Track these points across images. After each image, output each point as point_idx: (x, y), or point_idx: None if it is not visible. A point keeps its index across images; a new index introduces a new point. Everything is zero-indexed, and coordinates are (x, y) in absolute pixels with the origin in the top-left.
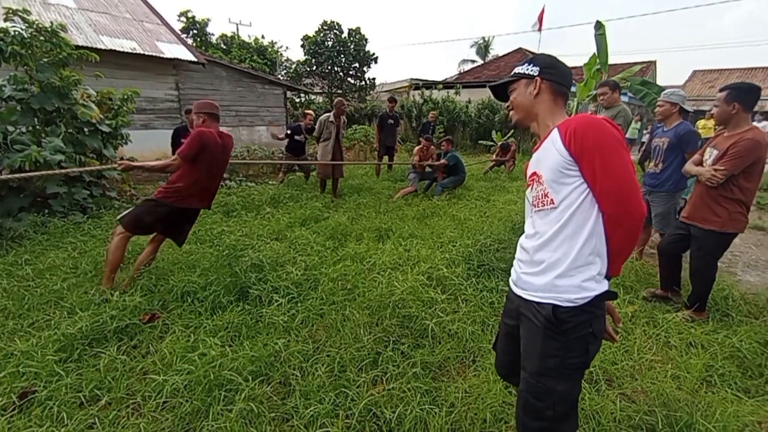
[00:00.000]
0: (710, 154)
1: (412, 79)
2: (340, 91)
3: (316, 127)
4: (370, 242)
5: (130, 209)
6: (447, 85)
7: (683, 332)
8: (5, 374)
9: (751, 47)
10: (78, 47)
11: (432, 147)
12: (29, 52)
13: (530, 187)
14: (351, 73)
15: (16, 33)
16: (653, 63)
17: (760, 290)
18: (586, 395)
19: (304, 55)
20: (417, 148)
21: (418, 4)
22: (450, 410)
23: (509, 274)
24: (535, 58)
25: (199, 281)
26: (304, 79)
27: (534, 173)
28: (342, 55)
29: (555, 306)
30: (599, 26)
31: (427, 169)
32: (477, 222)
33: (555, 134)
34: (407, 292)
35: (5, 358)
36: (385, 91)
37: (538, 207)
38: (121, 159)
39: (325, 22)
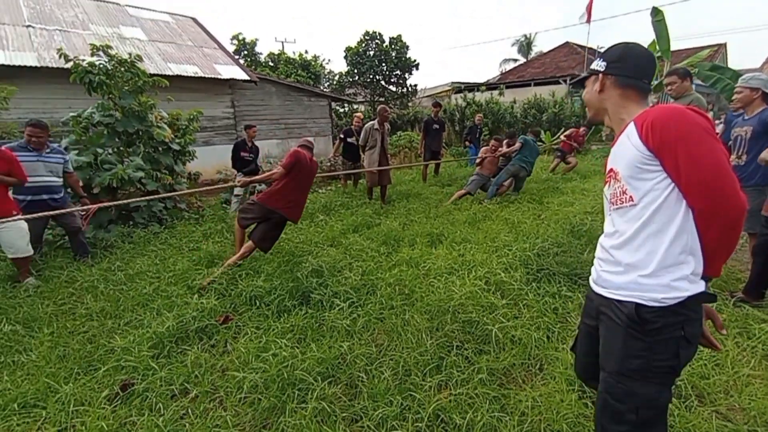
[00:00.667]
0: None
1: (453, 82)
2: (382, 99)
3: (362, 135)
4: (423, 247)
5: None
6: (490, 86)
7: None
8: (108, 368)
9: None
10: (151, 75)
11: (501, 148)
12: (113, 81)
13: (608, 184)
14: (393, 80)
15: (102, 65)
16: (723, 46)
17: None
18: (675, 411)
19: (347, 66)
20: (484, 148)
21: (456, 7)
22: (522, 419)
23: (571, 279)
24: (605, 52)
25: (264, 286)
26: (347, 89)
27: (611, 170)
28: (383, 64)
29: (638, 305)
30: (656, 12)
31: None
32: (532, 225)
33: (631, 128)
34: (466, 297)
35: (107, 354)
36: (427, 96)
37: (616, 205)
38: (185, 174)
39: (366, 33)
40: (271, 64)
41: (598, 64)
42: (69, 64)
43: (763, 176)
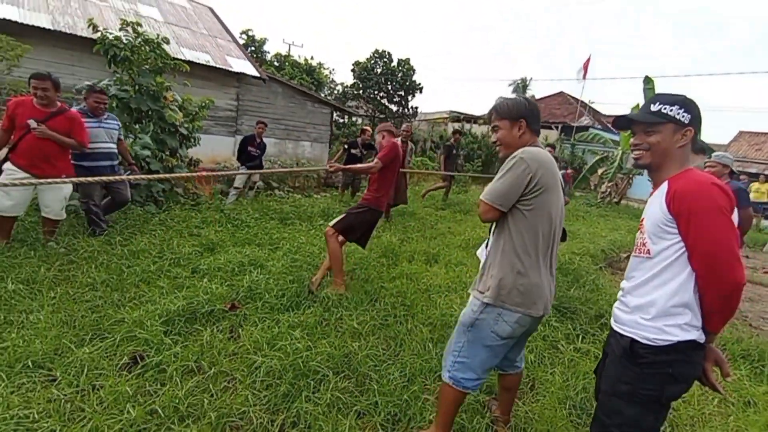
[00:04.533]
0: None
1: (451, 111)
2: (383, 116)
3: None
4: (421, 264)
5: (342, 217)
6: (487, 120)
7: (740, 390)
8: (119, 338)
9: None
10: (174, 59)
11: None
12: (135, 57)
13: (639, 231)
14: (395, 100)
15: (128, 42)
16: None
17: None
18: None
19: (354, 78)
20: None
21: (459, 40)
22: (524, 427)
23: (559, 311)
24: (685, 103)
25: (268, 281)
26: (349, 101)
27: (642, 220)
28: (389, 83)
29: (633, 340)
30: (648, 81)
31: None
32: None
33: (663, 188)
34: None
35: (114, 324)
36: (424, 120)
37: (636, 253)
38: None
39: (376, 51)
40: (276, 64)
41: (681, 114)
42: (97, 35)
43: None
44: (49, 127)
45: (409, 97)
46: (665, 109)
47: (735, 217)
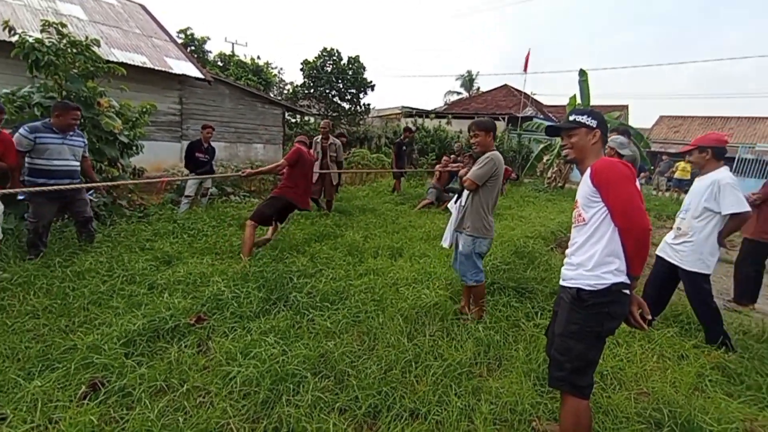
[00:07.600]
0: None
1: (403, 106)
2: (335, 114)
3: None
4: (386, 259)
5: (256, 207)
6: (438, 114)
7: (675, 345)
8: (74, 366)
9: (706, 99)
10: (107, 62)
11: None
12: (61, 62)
13: (575, 208)
14: (347, 98)
15: (52, 44)
16: (626, 107)
17: (734, 314)
18: (603, 394)
19: (303, 78)
20: (438, 166)
21: (407, 37)
22: (495, 400)
23: (518, 292)
24: (591, 113)
25: (234, 289)
26: (300, 100)
27: (576, 200)
28: (340, 81)
29: (579, 289)
30: (582, 73)
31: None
32: None
33: (588, 171)
34: (433, 304)
35: (65, 352)
36: (377, 117)
37: (575, 224)
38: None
39: (324, 49)
40: (220, 64)
41: (590, 121)
42: (15, 38)
43: None
44: None
45: (361, 95)
46: (579, 118)
47: (637, 183)
